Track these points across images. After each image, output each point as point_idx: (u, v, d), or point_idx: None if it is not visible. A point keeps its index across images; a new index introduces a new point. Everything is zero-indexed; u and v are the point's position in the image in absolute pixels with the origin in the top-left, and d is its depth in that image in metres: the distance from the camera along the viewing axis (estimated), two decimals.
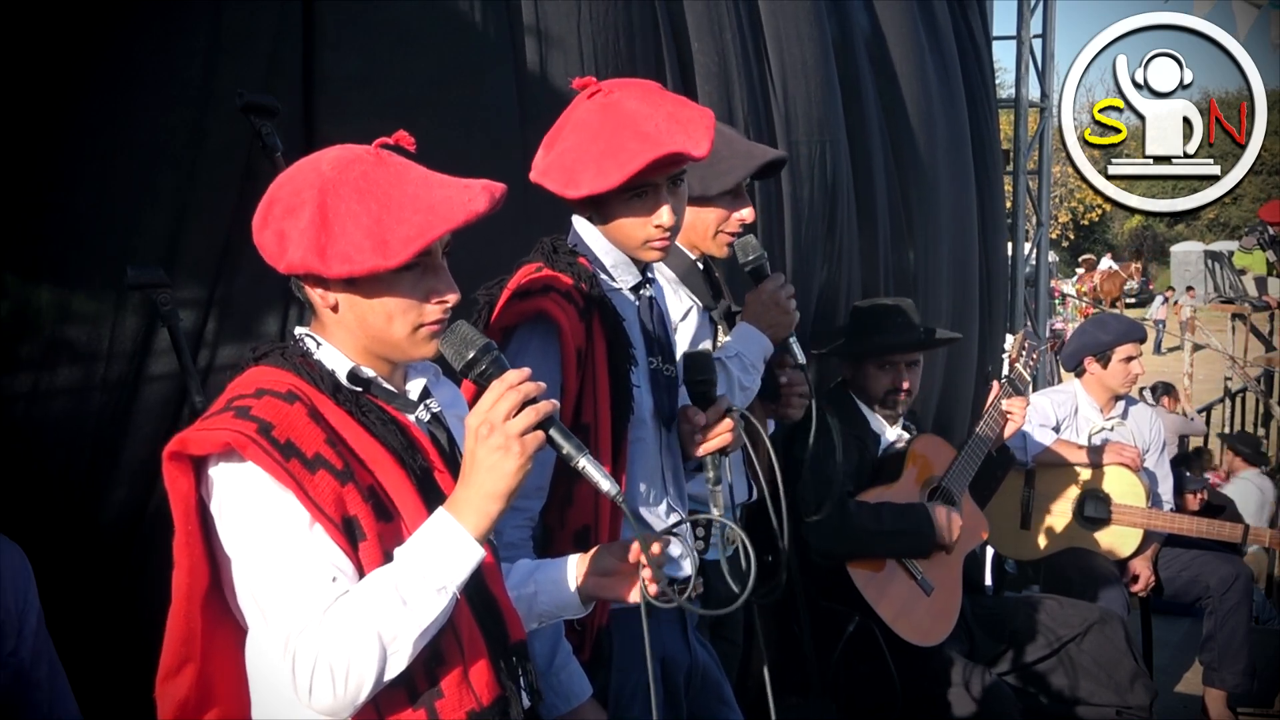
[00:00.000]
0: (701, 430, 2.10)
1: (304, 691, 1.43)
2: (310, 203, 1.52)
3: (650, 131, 2.00)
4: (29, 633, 1.96)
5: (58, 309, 2.27)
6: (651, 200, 2.09)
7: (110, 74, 2.28)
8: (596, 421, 2.06)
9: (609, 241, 2.17)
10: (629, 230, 2.12)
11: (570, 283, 2.06)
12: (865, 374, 3.56)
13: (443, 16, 2.84)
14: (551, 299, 2.03)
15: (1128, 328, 4.83)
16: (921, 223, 5.04)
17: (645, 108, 2.04)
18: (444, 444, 1.66)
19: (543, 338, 2.04)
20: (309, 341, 1.61)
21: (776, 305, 2.62)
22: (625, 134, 2.01)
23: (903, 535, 3.33)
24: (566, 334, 2.01)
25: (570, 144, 2.06)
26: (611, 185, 2.01)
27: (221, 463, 1.48)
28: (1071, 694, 3.71)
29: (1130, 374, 4.66)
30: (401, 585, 1.45)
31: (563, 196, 2.08)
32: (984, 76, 6.00)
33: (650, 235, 2.11)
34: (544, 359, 2.02)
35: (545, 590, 1.79)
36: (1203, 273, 24.04)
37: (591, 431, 2.05)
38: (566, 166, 2.05)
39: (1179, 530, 4.56)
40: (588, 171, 2.02)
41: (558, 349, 2.02)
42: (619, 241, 2.15)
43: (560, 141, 2.08)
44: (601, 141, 2.02)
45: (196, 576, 1.52)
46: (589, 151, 2.02)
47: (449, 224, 1.52)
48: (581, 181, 2.03)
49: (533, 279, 2.08)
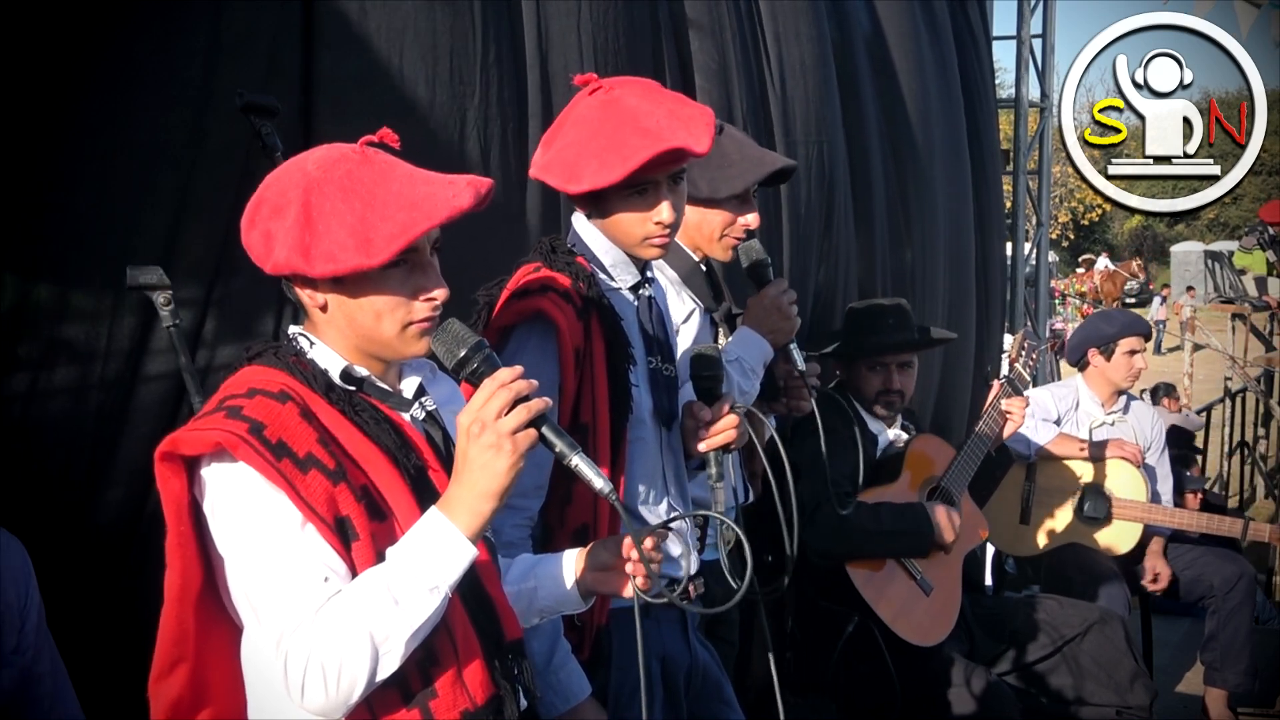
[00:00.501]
0: (705, 426, 2.10)
1: (296, 691, 1.43)
2: (295, 203, 1.51)
3: (652, 127, 2.00)
4: (30, 628, 1.96)
5: (56, 308, 2.27)
6: (652, 197, 2.08)
7: (110, 74, 2.28)
8: (595, 421, 2.05)
9: (608, 240, 2.17)
10: (628, 227, 2.11)
11: (568, 283, 2.05)
12: (858, 375, 3.56)
13: (443, 16, 2.84)
14: (549, 299, 2.03)
15: (1132, 321, 4.84)
16: (919, 222, 5.03)
17: (646, 104, 2.04)
18: (439, 442, 1.66)
19: (540, 337, 2.03)
20: (302, 341, 1.61)
21: (778, 310, 2.61)
22: (627, 130, 2.01)
23: (902, 535, 3.33)
24: (564, 334, 2.01)
25: (571, 139, 2.06)
26: (614, 180, 2.01)
27: (213, 463, 1.48)
28: (1071, 694, 3.70)
29: (1133, 368, 4.66)
30: (394, 585, 1.45)
31: (564, 191, 2.08)
32: (983, 76, 6.00)
33: (650, 232, 2.11)
34: (542, 358, 2.02)
35: (545, 585, 1.78)
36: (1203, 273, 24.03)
37: (590, 431, 2.04)
38: (568, 162, 2.04)
39: (1179, 525, 4.56)
40: (589, 166, 2.02)
41: (555, 348, 2.02)
42: (618, 238, 2.15)
43: (560, 137, 2.08)
44: (603, 137, 2.02)
45: (189, 577, 1.52)
46: (590, 147, 2.02)
47: (432, 221, 1.51)
48: (583, 176, 2.03)
49: (531, 279, 2.08)
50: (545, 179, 2.09)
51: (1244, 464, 9.10)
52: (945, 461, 3.58)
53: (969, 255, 5.61)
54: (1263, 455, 9.23)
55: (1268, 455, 9.36)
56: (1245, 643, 4.54)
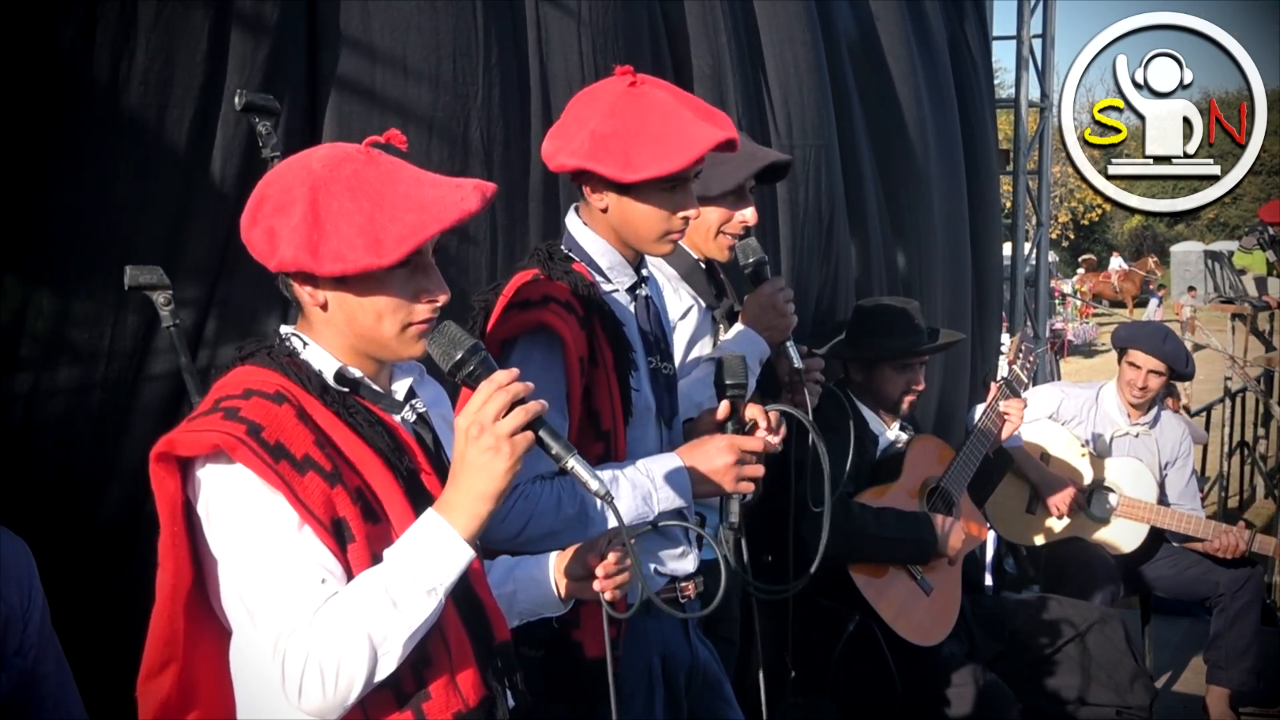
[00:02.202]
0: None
1: (294, 692, 1.43)
2: (301, 200, 1.51)
3: (696, 120, 2.05)
4: (33, 629, 1.96)
5: (57, 309, 2.27)
6: (680, 193, 2.11)
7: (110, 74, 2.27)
8: (615, 427, 2.07)
9: (605, 243, 2.17)
10: (653, 222, 2.11)
11: (569, 291, 2.05)
12: (882, 376, 3.56)
13: (445, 17, 2.84)
14: (551, 310, 2.02)
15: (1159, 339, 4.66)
16: (913, 223, 5.03)
17: (677, 101, 2.09)
18: (429, 445, 1.66)
19: (544, 349, 2.03)
20: (295, 341, 1.61)
21: (774, 308, 2.61)
22: (675, 121, 2.05)
23: (904, 542, 3.33)
24: (569, 345, 2.01)
25: (615, 129, 2.05)
26: (673, 169, 2.04)
27: (209, 464, 1.48)
28: (1071, 694, 3.71)
29: (1130, 381, 4.63)
30: (392, 587, 1.45)
31: (618, 180, 2.07)
32: (978, 75, 5.98)
33: (673, 227, 2.13)
34: (546, 371, 2.01)
35: (524, 588, 1.79)
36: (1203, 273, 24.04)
37: (612, 438, 2.06)
38: (619, 150, 2.04)
39: (1184, 530, 4.56)
40: (644, 155, 2.03)
41: (561, 360, 2.02)
42: (634, 233, 2.14)
43: (596, 125, 2.06)
44: (654, 127, 2.04)
45: (181, 577, 1.52)
46: (643, 136, 2.03)
47: (442, 223, 1.52)
48: (641, 165, 2.03)
49: (531, 289, 2.07)
50: (595, 167, 2.06)
51: (1244, 464, 9.09)
52: (944, 462, 3.58)
53: (965, 256, 5.61)
54: (1263, 455, 9.22)
55: (1268, 455, 9.35)
56: (1251, 642, 4.54)
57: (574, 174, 2.15)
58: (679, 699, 2.24)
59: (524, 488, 1.97)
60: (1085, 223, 32.36)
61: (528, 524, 1.96)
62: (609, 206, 2.13)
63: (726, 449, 2.08)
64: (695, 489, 2.08)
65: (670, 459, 2.09)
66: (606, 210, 2.14)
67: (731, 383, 2.12)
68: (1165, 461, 4.72)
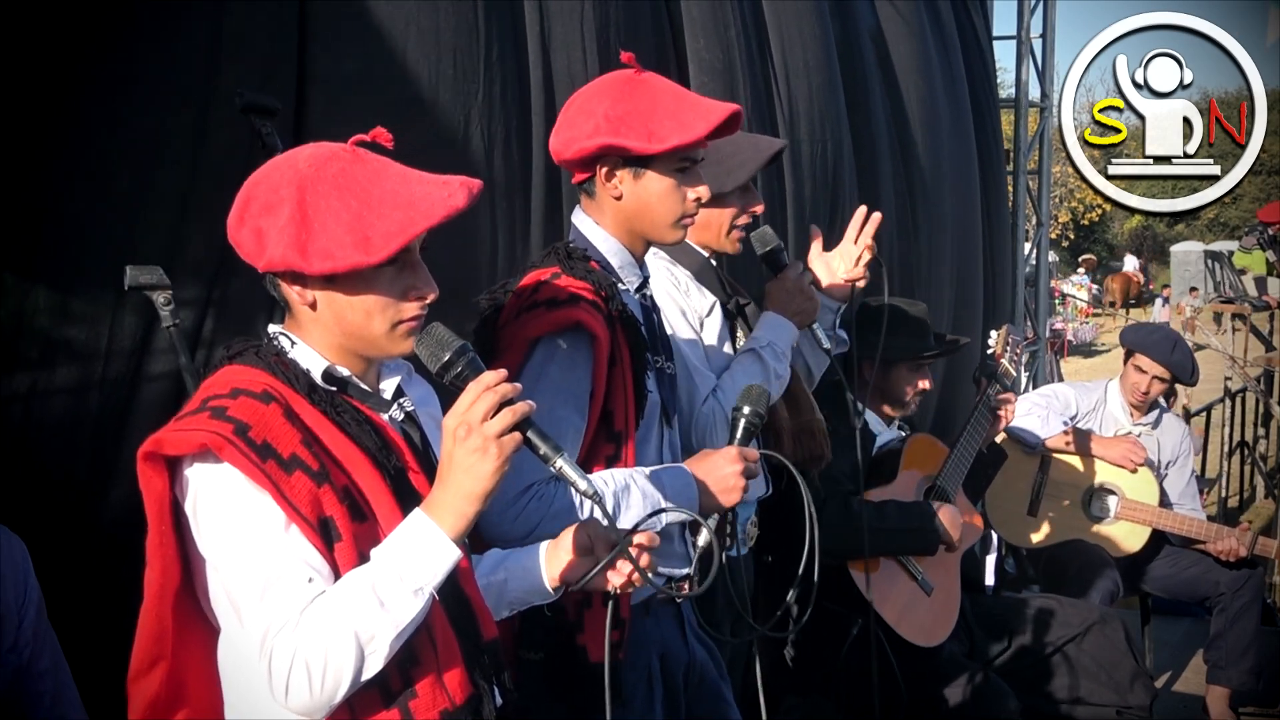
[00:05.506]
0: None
1: (280, 691, 1.43)
2: (289, 200, 1.51)
3: (703, 98, 2.11)
4: (28, 626, 1.96)
5: (57, 308, 2.26)
6: (692, 174, 2.13)
7: (110, 74, 2.27)
8: (626, 428, 2.06)
9: (615, 241, 2.16)
10: (670, 203, 2.12)
11: (593, 290, 2.04)
12: (898, 375, 3.57)
13: (445, 15, 2.84)
14: (583, 309, 2.01)
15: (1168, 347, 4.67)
16: (925, 220, 5.03)
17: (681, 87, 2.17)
18: (417, 443, 1.66)
19: (572, 347, 2.01)
20: (283, 340, 1.61)
21: (800, 292, 2.62)
22: (687, 99, 2.12)
23: (908, 533, 3.33)
24: (603, 344, 2.00)
25: (628, 109, 2.07)
26: (698, 135, 2.06)
27: (197, 463, 1.48)
28: (1071, 694, 3.71)
29: (1134, 384, 4.65)
30: (379, 586, 1.45)
31: (643, 152, 2.07)
32: (987, 74, 6.00)
33: (688, 209, 2.14)
34: (569, 370, 2.00)
35: (515, 577, 1.79)
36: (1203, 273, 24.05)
37: (623, 438, 2.05)
38: (640, 125, 2.06)
39: (1185, 532, 4.56)
40: (665, 126, 2.05)
41: (588, 359, 2.01)
42: (651, 219, 2.14)
43: (608, 108, 2.07)
44: (668, 103, 2.08)
45: (169, 576, 1.52)
46: (659, 111, 2.06)
47: (430, 220, 1.52)
48: (664, 134, 2.05)
49: (556, 287, 2.04)
50: (617, 142, 2.06)
51: (1244, 464, 9.09)
52: (940, 460, 3.59)
53: (976, 252, 5.61)
54: (1263, 455, 9.21)
55: (1268, 455, 9.34)
56: (1252, 642, 4.54)
57: (584, 166, 2.13)
58: (677, 698, 2.24)
59: (538, 487, 1.95)
60: (1085, 223, 32.34)
61: (539, 524, 1.95)
62: (624, 193, 2.12)
63: (735, 458, 2.06)
64: (701, 501, 2.06)
65: (681, 471, 2.07)
66: (620, 198, 2.12)
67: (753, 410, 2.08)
68: (1166, 461, 4.73)
